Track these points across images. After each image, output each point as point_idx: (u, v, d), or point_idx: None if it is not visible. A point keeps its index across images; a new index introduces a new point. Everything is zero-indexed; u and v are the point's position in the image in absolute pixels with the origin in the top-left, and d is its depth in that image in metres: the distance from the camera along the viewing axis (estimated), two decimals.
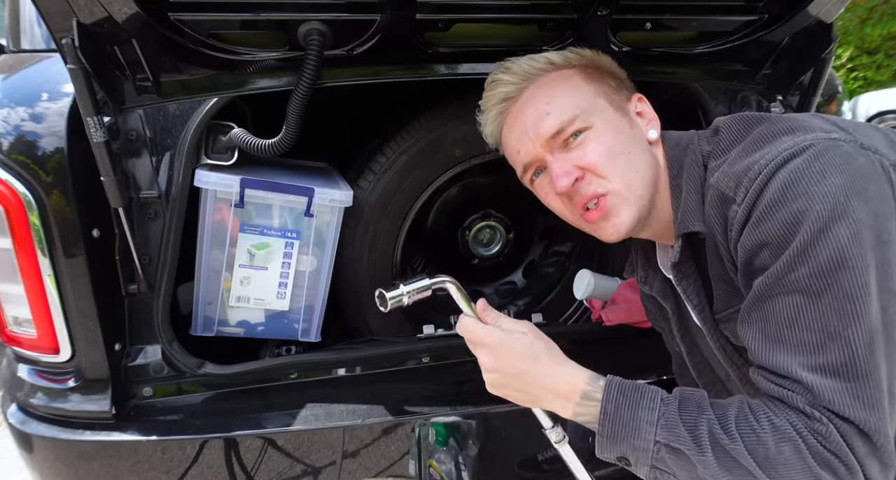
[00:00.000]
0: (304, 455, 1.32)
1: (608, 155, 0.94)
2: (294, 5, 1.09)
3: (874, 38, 8.47)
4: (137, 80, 1.16)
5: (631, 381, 0.86)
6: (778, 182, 0.77)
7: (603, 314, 1.56)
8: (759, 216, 0.78)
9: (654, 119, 1.02)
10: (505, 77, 1.02)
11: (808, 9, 1.25)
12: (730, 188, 0.83)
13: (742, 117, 0.93)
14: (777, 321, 0.77)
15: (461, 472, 1.36)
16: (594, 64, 1.04)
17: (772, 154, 0.79)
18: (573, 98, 0.97)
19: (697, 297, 0.99)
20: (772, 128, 0.86)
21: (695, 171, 0.94)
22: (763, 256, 0.78)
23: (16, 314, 1.25)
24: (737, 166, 0.84)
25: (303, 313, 1.46)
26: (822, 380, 0.72)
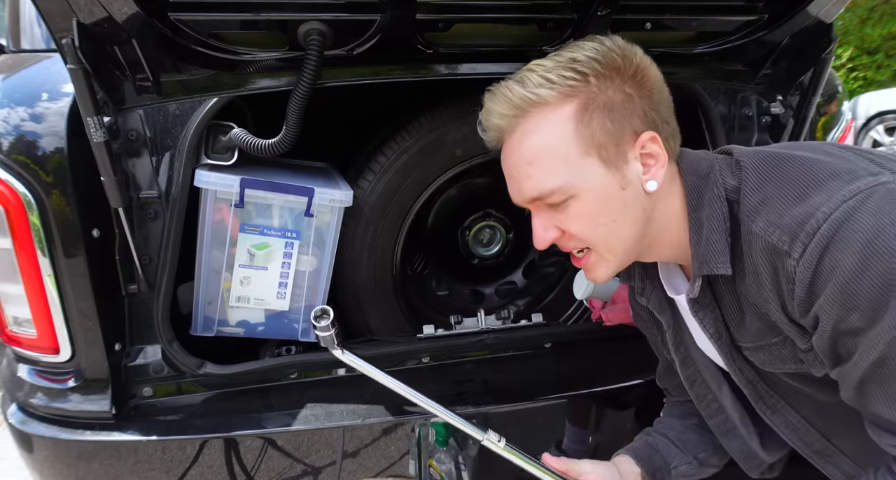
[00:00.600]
0: (304, 455, 1.32)
1: (590, 225, 0.91)
2: (294, 5, 1.09)
3: (874, 38, 8.47)
4: (137, 80, 1.16)
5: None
6: (851, 242, 0.72)
7: (603, 314, 1.56)
8: (839, 284, 0.73)
9: (661, 161, 0.91)
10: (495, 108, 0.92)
11: (808, 9, 1.25)
12: (783, 241, 0.78)
13: (768, 156, 0.87)
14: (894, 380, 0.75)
15: (461, 472, 1.36)
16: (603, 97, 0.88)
17: (828, 207, 0.74)
18: (558, 162, 0.88)
19: (715, 326, 0.97)
20: (812, 172, 0.80)
21: (717, 208, 0.88)
22: (853, 319, 0.74)
23: (16, 314, 1.25)
24: (786, 217, 0.78)
25: (303, 313, 1.46)
26: None
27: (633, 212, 0.91)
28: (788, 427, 1.04)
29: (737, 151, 0.92)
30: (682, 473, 1.16)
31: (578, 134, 0.87)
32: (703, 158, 0.95)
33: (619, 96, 0.88)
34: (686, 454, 1.18)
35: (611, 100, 0.88)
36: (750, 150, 0.91)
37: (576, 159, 0.88)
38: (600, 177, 0.89)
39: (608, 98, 0.88)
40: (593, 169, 0.88)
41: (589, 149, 0.88)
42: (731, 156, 0.92)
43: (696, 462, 1.18)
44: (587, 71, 0.88)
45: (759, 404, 1.04)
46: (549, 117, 0.88)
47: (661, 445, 1.19)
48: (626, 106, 0.89)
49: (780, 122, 1.51)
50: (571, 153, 0.88)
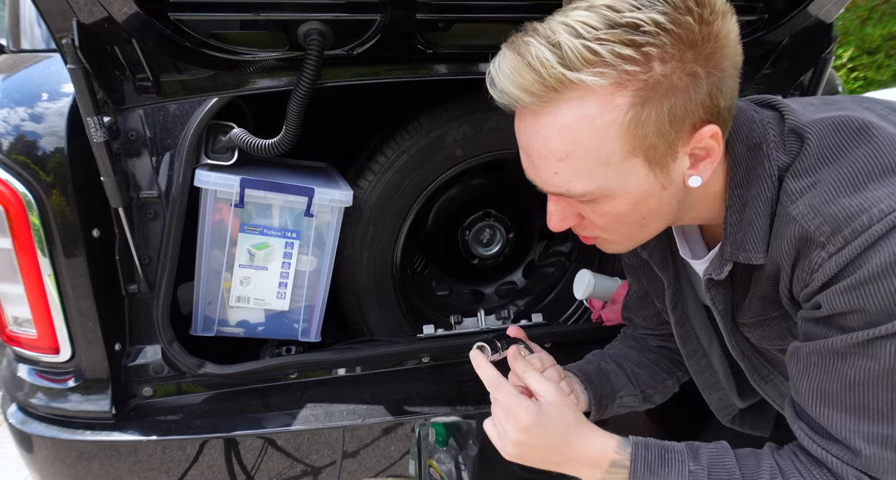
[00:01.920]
0: (304, 455, 1.32)
1: (617, 223, 0.81)
2: (294, 5, 1.09)
3: (874, 38, 8.46)
4: (137, 80, 1.16)
5: (656, 447, 0.84)
6: (891, 246, 0.65)
7: (603, 314, 1.56)
8: (861, 279, 0.67)
9: (714, 157, 0.76)
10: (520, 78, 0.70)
11: (808, 9, 1.25)
12: (822, 232, 0.69)
13: (837, 125, 0.74)
14: (844, 380, 0.71)
15: (461, 472, 1.36)
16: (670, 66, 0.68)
17: (887, 205, 0.65)
18: (596, 164, 0.73)
19: (724, 304, 0.93)
20: (881, 158, 0.69)
21: (766, 187, 0.76)
22: (853, 319, 0.69)
23: (16, 314, 1.25)
24: (834, 206, 0.69)
25: (303, 313, 1.46)
26: (881, 451, 0.69)
27: (669, 206, 0.80)
28: (780, 395, 1.05)
29: (789, 113, 0.79)
30: (625, 404, 1.12)
31: (628, 134, 0.70)
32: (756, 122, 0.80)
33: (685, 81, 0.69)
34: (634, 387, 1.14)
35: (675, 89, 0.69)
36: (812, 118, 0.76)
37: (618, 161, 0.72)
38: (642, 179, 0.75)
39: (672, 85, 0.68)
40: (636, 170, 0.74)
41: (635, 150, 0.72)
42: (784, 121, 0.79)
43: (641, 397, 1.14)
44: (652, 51, 0.66)
45: (753, 375, 1.04)
46: (593, 109, 0.69)
47: (613, 373, 1.14)
48: (692, 93, 0.70)
49: None
50: (614, 155, 0.72)
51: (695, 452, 0.83)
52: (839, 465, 0.73)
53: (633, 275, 1.21)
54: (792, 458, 0.78)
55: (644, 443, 0.84)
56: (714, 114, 0.73)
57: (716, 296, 0.92)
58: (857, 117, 0.74)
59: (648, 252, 1.03)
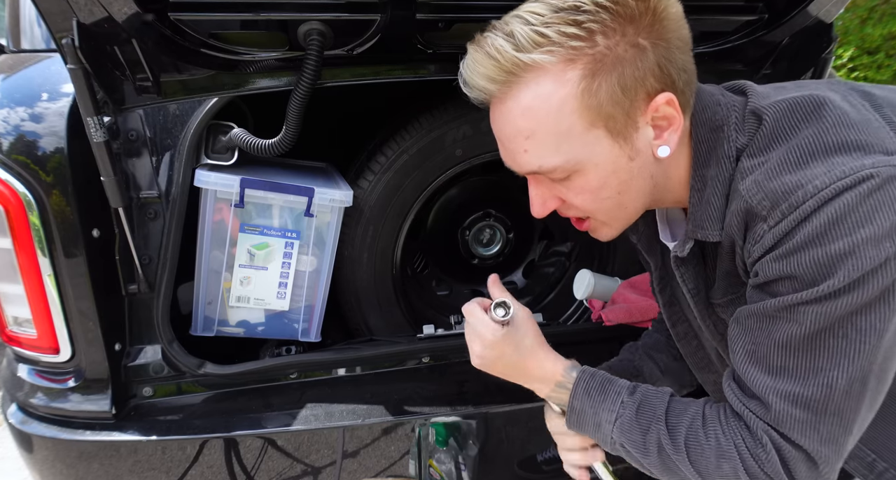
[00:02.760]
0: (304, 455, 1.32)
1: (594, 199, 0.84)
2: (294, 5, 1.09)
3: (875, 38, 8.45)
4: (137, 80, 1.16)
5: (600, 377, 0.92)
6: (822, 217, 0.69)
7: (603, 314, 1.56)
8: (791, 248, 0.71)
9: (676, 125, 0.80)
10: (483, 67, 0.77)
11: (808, 9, 1.25)
12: (763, 206, 0.74)
13: (793, 105, 0.77)
14: (770, 342, 0.76)
15: (461, 472, 1.36)
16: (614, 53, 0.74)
17: (821, 181, 0.69)
18: (559, 138, 0.78)
19: (695, 283, 0.95)
20: (825, 137, 0.73)
21: (724, 167, 0.81)
22: (783, 285, 0.74)
23: (16, 314, 1.25)
24: (775, 182, 0.73)
25: (303, 313, 1.46)
26: (789, 408, 0.74)
27: (641, 180, 0.84)
28: None
29: (754, 96, 0.83)
30: None
31: (583, 106, 0.76)
32: (720, 105, 0.84)
33: (630, 52, 0.75)
34: (668, 379, 1.17)
35: (621, 60, 0.74)
36: (772, 100, 0.80)
37: (580, 133, 0.77)
38: (607, 150, 0.79)
39: (618, 57, 0.74)
40: (599, 142, 0.78)
41: (595, 121, 0.77)
42: (747, 103, 0.82)
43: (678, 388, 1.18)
44: (594, 27, 0.73)
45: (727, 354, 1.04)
46: (548, 86, 0.75)
47: (646, 368, 1.17)
48: (639, 63, 0.75)
49: None
50: (574, 127, 0.77)
51: (634, 388, 0.90)
52: (753, 419, 0.78)
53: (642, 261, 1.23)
54: (719, 410, 0.83)
55: (591, 372, 0.93)
56: (667, 83, 0.78)
57: (685, 275, 0.95)
58: (815, 96, 0.77)
59: (637, 236, 1.07)
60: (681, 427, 0.83)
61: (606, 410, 0.88)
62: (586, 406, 0.90)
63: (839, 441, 0.74)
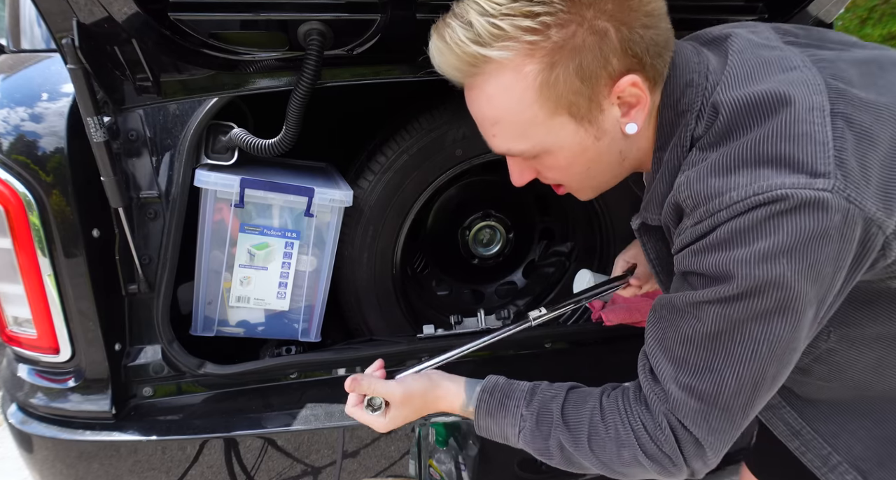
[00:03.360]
0: (304, 455, 1.32)
1: (564, 174, 0.89)
2: (294, 5, 1.09)
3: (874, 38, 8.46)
4: (137, 80, 1.16)
5: (500, 393, 0.95)
6: (730, 226, 0.72)
7: (603, 314, 1.56)
8: (701, 247, 0.75)
9: (642, 103, 0.81)
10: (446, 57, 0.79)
11: (808, 9, 1.25)
12: (687, 205, 0.77)
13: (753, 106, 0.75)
14: (677, 333, 0.80)
15: (461, 472, 1.36)
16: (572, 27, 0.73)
17: (738, 193, 0.71)
18: (524, 126, 0.81)
19: (655, 253, 0.97)
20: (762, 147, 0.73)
21: (675, 155, 0.83)
22: (694, 279, 0.79)
23: (16, 314, 1.25)
24: (701, 184, 0.75)
25: (303, 313, 1.46)
26: (685, 397, 0.79)
27: (609, 155, 0.86)
28: None
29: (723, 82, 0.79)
30: None
31: (543, 96, 0.77)
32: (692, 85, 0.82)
33: (590, 39, 0.74)
34: None
35: (580, 47, 0.74)
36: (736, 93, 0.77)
37: (543, 121, 0.79)
38: (572, 134, 0.81)
39: (575, 46, 0.74)
40: (563, 127, 0.80)
41: (557, 109, 0.78)
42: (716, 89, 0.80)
43: None
44: (548, 20, 0.72)
45: None
46: (508, 79, 0.77)
47: None
48: (600, 48, 0.74)
49: None
50: (537, 116, 0.79)
51: (532, 395, 0.92)
52: (655, 401, 0.82)
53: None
54: (618, 397, 0.87)
55: (490, 389, 0.95)
56: (633, 64, 0.77)
57: (646, 243, 0.97)
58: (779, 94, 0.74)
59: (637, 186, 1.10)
60: (581, 426, 0.87)
61: (509, 425, 0.92)
62: (491, 425, 0.94)
63: (726, 431, 0.79)
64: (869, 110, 0.75)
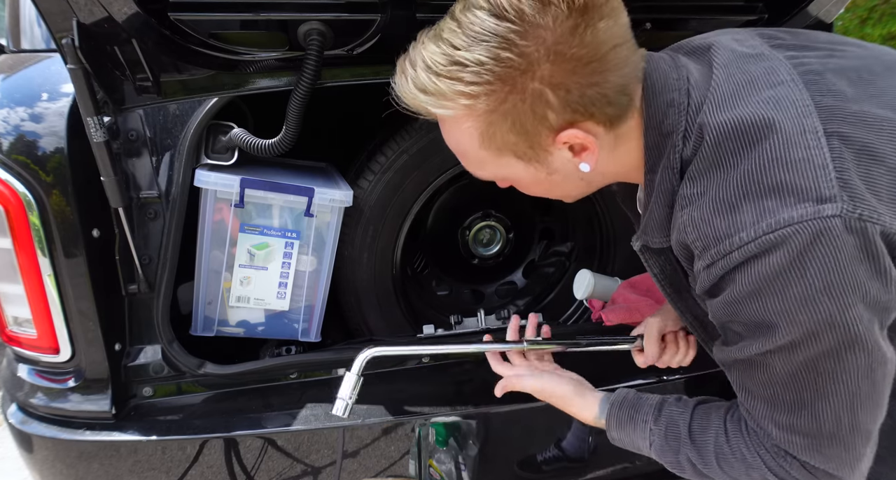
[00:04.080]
0: (304, 455, 1.32)
1: (536, 193, 0.93)
2: (294, 5, 1.09)
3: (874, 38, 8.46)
4: (137, 80, 1.16)
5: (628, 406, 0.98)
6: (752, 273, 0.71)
7: (603, 314, 1.56)
8: (732, 299, 0.75)
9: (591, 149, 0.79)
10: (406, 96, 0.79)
11: (808, 9, 1.25)
12: (696, 246, 0.77)
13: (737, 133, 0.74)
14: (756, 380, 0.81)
15: (461, 472, 1.36)
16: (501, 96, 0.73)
17: (748, 234, 0.70)
18: (478, 162, 0.86)
19: (659, 269, 0.95)
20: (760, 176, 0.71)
21: (668, 179, 0.82)
22: (738, 329, 0.79)
23: (16, 314, 1.25)
24: (707, 226, 0.74)
25: (303, 313, 1.46)
26: (788, 435, 0.79)
27: (571, 182, 0.87)
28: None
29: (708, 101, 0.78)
30: None
31: (485, 146, 0.80)
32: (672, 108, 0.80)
33: (521, 104, 0.74)
34: None
35: (511, 110, 0.74)
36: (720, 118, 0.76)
37: (493, 160, 0.83)
38: (523, 170, 0.84)
39: (506, 110, 0.74)
40: (512, 165, 0.83)
41: (502, 153, 0.81)
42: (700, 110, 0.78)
43: None
44: (476, 90, 0.72)
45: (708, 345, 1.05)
46: (454, 128, 0.81)
47: None
48: (533, 110, 0.74)
49: None
50: (486, 158, 0.83)
51: (659, 411, 0.95)
52: (764, 438, 0.83)
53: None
54: (740, 423, 0.87)
55: (619, 402, 0.99)
56: (578, 116, 0.75)
57: (648, 260, 0.96)
58: (764, 120, 0.73)
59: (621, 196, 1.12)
60: (708, 446, 0.88)
61: (639, 438, 0.96)
62: (623, 436, 0.99)
63: (844, 456, 0.77)
64: (865, 124, 0.72)
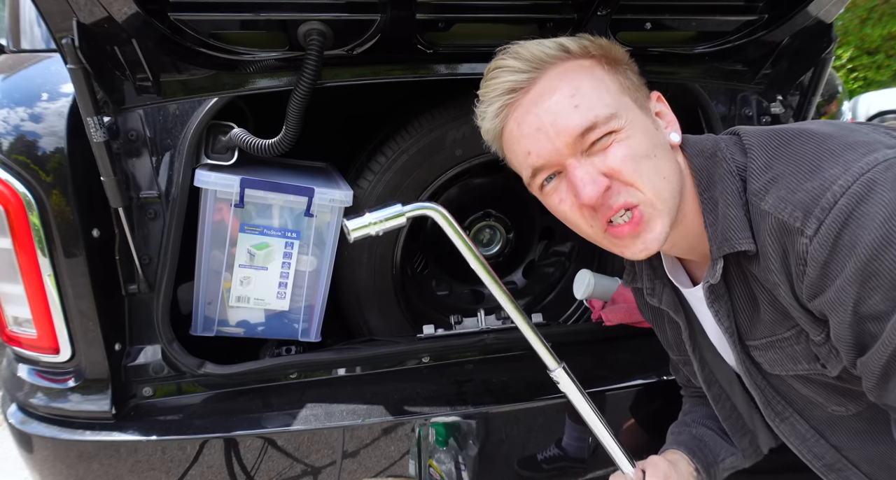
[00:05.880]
0: (304, 455, 1.32)
1: (634, 159, 0.83)
2: (294, 5, 1.09)
3: (874, 38, 8.46)
4: (137, 80, 1.16)
5: None
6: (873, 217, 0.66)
7: (603, 314, 1.56)
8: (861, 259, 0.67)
9: (673, 121, 0.91)
10: (513, 63, 0.86)
11: (808, 9, 1.25)
12: (795, 218, 0.72)
13: (775, 134, 0.82)
14: None
15: (461, 472, 1.36)
16: (611, 55, 0.90)
17: (845, 179, 0.69)
18: (600, 93, 0.85)
19: (729, 321, 0.92)
20: (825, 145, 0.75)
21: (730, 183, 0.83)
22: (875, 302, 0.68)
23: (16, 314, 1.25)
24: (799, 193, 0.73)
25: (303, 313, 1.46)
26: None
27: (668, 154, 0.88)
28: (798, 437, 1.01)
29: (742, 131, 0.89)
30: (728, 466, 1.12)
31: (610, 75, 0.88)
32: (707, 139, 0.92)
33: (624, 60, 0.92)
34: (732, 446, 1.14)
35: (621, 59, 0.91)
36: (755, 129, 0.88)
37: (616, 93, 0.87)
38: (637, 114, 0.87)
39: (618, 57, 0.91)
40: (630, 106, 0.87)
41: (622, 90, 0.88)
42: (737, 136, 0.89)
43: (741, 453, 1.13)
44: (587, 43, 0.89)
45: (767, 411, 1.02)
46: (575, 64, 0.87)
47: (708, 437, 1.14)
48: (634, 68, 0.92)
49: (781, 122, 1.51)
50: (611, 87, 0.87)
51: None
52: None
53: (657, 327, 1.23)
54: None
55: None
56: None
57: (719, 311, 0.92)
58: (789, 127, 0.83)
59: (658, 299, 1.07)
60: None
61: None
62: None
63: None
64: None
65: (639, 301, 1.22)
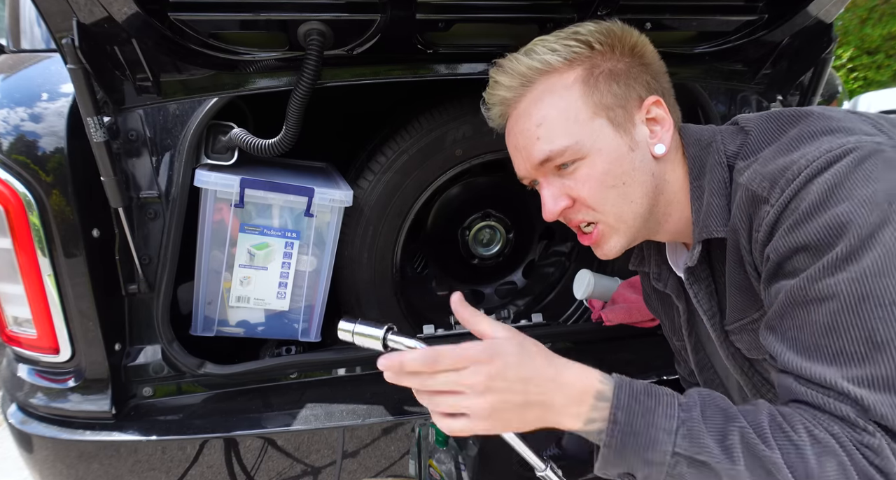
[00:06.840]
0: (304, 455, 1.32)
1: (600, 188, 0.89)
2: (294, 5, 1.09)
3: (874, 38, 8.46)
4: (137, 80, 1.16)
5: (641, 382, 0.74)
6: (820, 184, 0.72)
7: (603, 314, 1.56)
8: (798, 218, 0.72)
9: (667, 125, 0.92)
10: (502, 80, 0.94)
11: (808, 9, 1.25)
12: (763, 188, 0.78)
13: (774, 116, 0.86)
14: (813, 329, 0.70)
15: (461, 472, 1.36)
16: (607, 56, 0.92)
17: (812, 155, 0.75)
18: (567, 123, 0.89)
19: (709, 303, 0.97)
20: (809, 127, 0.80)
21: (718, 173, 0.88)
22: (798, 260, 0.72)
23: (16, 314, 1.25)
24: (771, 166, 0.79)
25: (303, 313, 1.46)
26: (873, 395, 0.65)
27: (642, 175, 0.90)
28: None
29: (742, 119, 0.92)
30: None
31: (586, 96, 0.90)
32: (706, 129, 0.95)
33: (621, 65, 0.92)
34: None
35: (615, 67, 0.91)
36: (756, 115, 0.90)
37: (585, 119, 0.89)
38: (609, 138, 0.89)
39: (612, 65, 0.91)
40: (602, 130, 0.89)
41: (597, 111, 0.89)
42: (737, 125, 0.93)
43: None
44: (590, 40, 0.91)
45: (755, 397, 1.03)
46: (557, 83, 0.91)
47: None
48: (629, 73, 0.92)
49: None
50: (580, 113, 0.89)
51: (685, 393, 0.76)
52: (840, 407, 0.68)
53: (659, 315, 1.24)
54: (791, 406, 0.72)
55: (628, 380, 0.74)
56: (655, 92, 0.93)
57: (698, 293, 0.97)
58: (796, 109, 0.86)
59: (663, 283, 1.11)
60: (762, 424, 0.69)
61: (663, 416, 0.69)
62: (636, 416, 0.70)
63: None
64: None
65: (646, 286, 1.25)
